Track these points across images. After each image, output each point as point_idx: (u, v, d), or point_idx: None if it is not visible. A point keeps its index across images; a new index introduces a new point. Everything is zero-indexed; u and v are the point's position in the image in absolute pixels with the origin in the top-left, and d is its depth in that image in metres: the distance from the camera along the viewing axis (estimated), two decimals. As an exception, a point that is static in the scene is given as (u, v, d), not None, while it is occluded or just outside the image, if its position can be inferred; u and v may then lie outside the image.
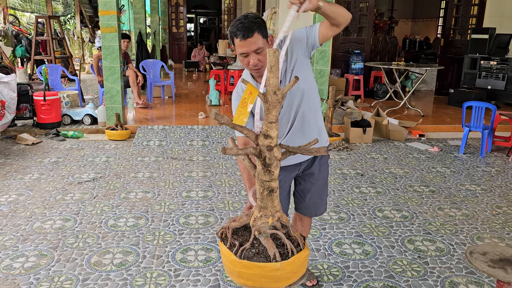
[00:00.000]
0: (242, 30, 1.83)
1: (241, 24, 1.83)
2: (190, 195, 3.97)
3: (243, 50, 1.86)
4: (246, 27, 1.82)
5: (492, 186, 4.41)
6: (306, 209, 2.38)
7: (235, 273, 1.62)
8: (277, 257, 1.55)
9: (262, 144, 1.59)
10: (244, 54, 1.88)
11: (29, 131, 5.99)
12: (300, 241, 1.66)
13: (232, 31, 1.86)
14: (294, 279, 1.62)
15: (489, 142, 5.60)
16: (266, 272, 1.55)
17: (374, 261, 2.89)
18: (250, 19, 1.84)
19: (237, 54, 1.92)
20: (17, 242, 3.03)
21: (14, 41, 10.21)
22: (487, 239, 3.26)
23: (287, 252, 1.59)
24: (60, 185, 4.14)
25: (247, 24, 1.82)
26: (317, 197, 2.34)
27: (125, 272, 2.69)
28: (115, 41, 5.92)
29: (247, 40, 1.83)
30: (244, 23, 1.83)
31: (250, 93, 1.58)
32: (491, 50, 8.29)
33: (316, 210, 2.41)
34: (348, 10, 1.92)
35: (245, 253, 1.60)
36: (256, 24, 1.84)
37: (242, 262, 1.57)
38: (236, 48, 1.89)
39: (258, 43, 1.85)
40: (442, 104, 8.65)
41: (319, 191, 2.33)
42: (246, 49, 1.85)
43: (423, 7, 14.43)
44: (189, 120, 6.59)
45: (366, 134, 5.93)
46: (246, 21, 1.83)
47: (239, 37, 1.83)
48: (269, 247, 1.58)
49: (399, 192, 4.18)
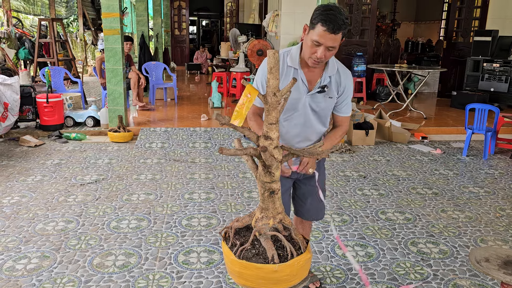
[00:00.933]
0: (334, 23, 1.78)
1: (334, 17, 1.78)
2: (192, 197, 3.97)
3: (322, 40, 1.82)
4: (339, 24, 1.79)
5: (495, 188, 4.39)
6: (307, 212, 2.37)
7: (235, 273, 1.63)
8: (275, 259, 1.54)
9: (262, 145, 1.59)
10: (317, 43, 1.84)
11: (32, 133, 6.00)
12: (302, 244, 1.65)
13: (322, 19, 1.79)
14: (295, 282, 1.62)
15: (492, 144, 5.58)
16: (264, 273, 1.55)
17: (377, 264, 2.88)
18: (343, 16, 1.80)
19: (310, 39, 1.87)
20: (19, 243, 3.03)
21: (17, 44, 10.24)
22: (490, 242, 3.24)
23: (287, 255, 1.59)
24: (63, 187, 4.14)
25: (340, 21, 1.79)
26: (318, 201, 2.34)
27: (128, 274, 2.69)
28: (118, 44, 5.93)
29: (331, 35, 1.80)
30: (337, 17, 1.79)
31: (249, 94, 1.58)
32: (493, 53, 8.27)
33: (317, 215, 2.40)
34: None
35: (245, 254, 1.60)
36: (345, 24, 1.82)
37: (241, 262, 1.57)
38: (313, 34, 1.84)
39: (337, 41, 1.84)
40: (445, 106, 8.63)
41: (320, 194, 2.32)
42: (325, 41, 1.82)
43: (426, 10, 14.43)
44: (191, 122, 6.59)
45: (369, 136, 5.92)
46: (340, 17, 1.79)
47: (327, 28, 1.79)
48: (268, 249, 1.58)
49: (402, 194, 4.17)
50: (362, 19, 9.02)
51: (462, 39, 9.45)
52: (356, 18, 8.97)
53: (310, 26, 1.87)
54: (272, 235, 1.64)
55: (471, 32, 9.15)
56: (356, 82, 8.76)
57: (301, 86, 2.01)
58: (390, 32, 13.52)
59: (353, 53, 8.95)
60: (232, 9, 17.33)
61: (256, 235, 1.64)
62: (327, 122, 2.16)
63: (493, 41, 8.24)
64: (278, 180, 1.66)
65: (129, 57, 7.30)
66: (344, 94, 2.09)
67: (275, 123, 1.58)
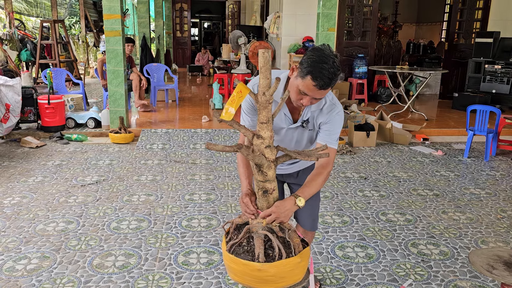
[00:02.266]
0: (324, 80, 1.68)
1: (326, 72, 1.67)
2: (193, 198, 3.97)
3: (309, 93, 1.73)
4: (329, 80, 1.69)
5: (496, 190, 4.38)
6: (302, 218, 2.31)
7: (227, 267, 1.66)
8: (260, 257, 1.54)
9: (255, 145, 1.59)
10: (303, 93, 1.74)
11: (33, 134, 6.01)
12: (297, 248, 1.64)
13: (313, 74, 1.68)
14: (283, 285, 1.60)
15: (494, 146, 5.56)
16: (249, 270, 1.56)
17: (377, 265, 2.87)
18: (335, 69, 1.69)
19: (296, 85, 1.75)
20: (20, 244, 3.04)
21: (19, 45, 10.28)
22: (491, 243, 3.23)
23: (275, 256, 1.58)
24: (64, 188, 4.15)
25: (331, 76, 1.68)
26: (313, 208, 2.31)
27: (127, 275, 2.69)
28: (119, 45, 5.95)
29: (320, 90, 1.71)
30: (329, 72, 1.68)
31: (240, 91, 1.58)
32: (495, 54, 8.26)
33: (312, 225, 2.34)
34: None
35: (236, 249, 1.62)
36: (336, 78, 1.72)
37: (230, 256, 1.60)
38: (301, 84, 1.72)
39: (325, 93, 1.76)
40: (446, 108, 8.62)
41: (313, 201, 2.27)
42: (313, 94, 1.73)
43: (427, 11, 14.42)
44: (192, 124, 6.60)
45: (370, 137, 5.91)
46: (332, 71, 1.68)
47: (317, 84, 1.69)
48: (257, 247, 1.58)
49: (403, 195, 4.16)
50: (363, 20, 9.02)
51: (463, 40, 9.44)
52: (358, 20, 8.97)
53: (299, 72, 1.74)
54: (265, 235, 1.64)
55: (472, 33, 9.14)
56: (358, 84, 8.75)
57: (284, 119, 1.96)
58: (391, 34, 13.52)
59: (354, 54, 8.95)
60: (234, 11, 17.36)
61: (246, 232, 1.65)
62: (314, 141, 2.08)
63: (494, 42, 8.23)
64: (273, 180, 1.66)
65: (130, 59, 7.32)
66: (325, 124, 1.95)
67: (266, 122, 1.58)
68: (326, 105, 1.92)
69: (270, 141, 1.60)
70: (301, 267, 1.64)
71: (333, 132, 1.95)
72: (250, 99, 1.90)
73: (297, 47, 9.17)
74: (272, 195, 1.68)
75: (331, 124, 1.94)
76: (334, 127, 1.94)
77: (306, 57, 1.72)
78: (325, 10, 5.73)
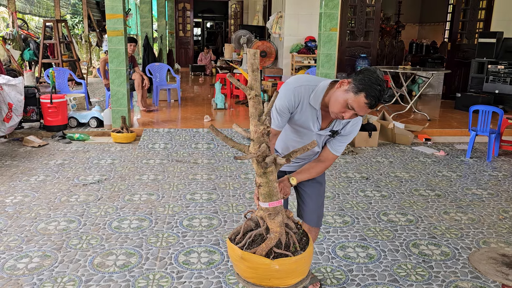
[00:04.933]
0: (377, 101, 1.81)
1: (380, 95, 1.80)
2: (194, 198, 3.97)
3: (357, 109, 1.83)
4: (378, 101, 1.81)
5: (499, 190, 4.37)
6: (307, 214, 2.36)
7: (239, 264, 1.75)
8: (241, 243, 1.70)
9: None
10: (350, 108, 1.85)
11: (36, 133, 6.03)
12: (293, 250, 1.70)
13: (369, 93, 1.78)
14: (264, 284, 1.66)
15: (496, 147, 5.55)
16: (232, 250, 1.71)
17: (378, 265, 2.87)
18: (383, 96, 1.83)
19: (345, 98, 1.85)
20: (21, 243, 3.05)
21: (22, 45, 10.31)
22: (493, 244, 3.22)
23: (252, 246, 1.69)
24: (65, 187, 4.16)
25: (380, 99, 1.82)
26: (318, 204, 2.37)
27: (128, 274, 2.69)
28: (122, 45, 5.95)
29: (368, 109, 1.83)
30: (381, 96, 1.81)
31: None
32: (498, 54, 8.23)
33: (318, 222, 2.40)
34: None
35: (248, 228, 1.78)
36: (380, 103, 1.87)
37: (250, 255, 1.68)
38: (352, 99, 1.82)
39: (366, 113, 1.89)
40: (449, 108, 8.60)
41: (318, 197, 2.36)
42: (359, 110, 1.84)
43: (430, 11, 14.38)
44: (194, 123, 6.60)
45: (372, 137, 5.90)
46: (382, 95, 1.81)
47: (369, 102, 1.80)
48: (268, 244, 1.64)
49: (404, 196, 4.15)
50: (366, 20, 9.00)
51: (466, 41, 9.41)
52: (360, 20, 8.96)
53: (352, 87, 1.82)
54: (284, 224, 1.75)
55: (475, 34, 9.12)
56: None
57: (315, 123, 2.04)
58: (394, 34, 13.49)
59: (357, 54, 8.94)
60: (236, 11, 17.36)
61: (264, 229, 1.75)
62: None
63: (498, 43, 8.20)
64: (260, 175, 1.71)
65: (133, 59, 7.33)
66: (343, 136, 2.10)
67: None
68: (356, 119, 2.07)
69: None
70: (281, 272, 1.68)
71: (346, 143, 2.15)
72: (288, 101, 1.98)
73: (300, 47, 9.17)
74: (263, 190, 1.77)
75: (349, 136, 2.11)
76: (349, 140, 2.13)
77: (363, 76, 1.81)
78: (327, 10, 5.72)
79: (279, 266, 1.61)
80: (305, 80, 2.00)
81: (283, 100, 1.97)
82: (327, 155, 2.16)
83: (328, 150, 2.15)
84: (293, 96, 1.96)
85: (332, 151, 2.14)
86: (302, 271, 1.70)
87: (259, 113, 1.54)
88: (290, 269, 1.64)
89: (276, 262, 1.61)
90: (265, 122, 1.51)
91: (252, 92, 1.49)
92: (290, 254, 1.64)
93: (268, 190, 1.71)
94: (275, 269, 1.61)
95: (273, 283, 1.65)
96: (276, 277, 1.65)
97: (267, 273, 1.64)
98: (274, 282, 1.65)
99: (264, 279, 1.66)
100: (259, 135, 1.57)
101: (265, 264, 1.62)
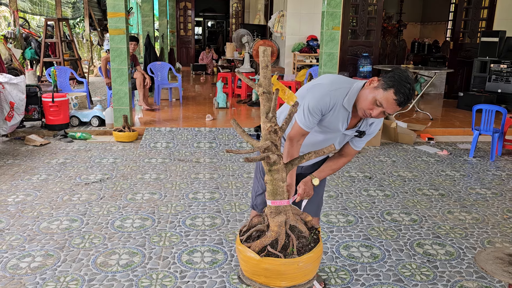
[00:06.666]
0: (406, 99, 1.82)
1: (409, 93, 1.81)
2: (196, 197, 3.95)
3: (385, 106, 1.84)
4: (407, 99, 1.83)
5: (503, 190, 4.34)
6: (312, 203, 2.37)
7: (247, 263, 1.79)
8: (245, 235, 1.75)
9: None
10: (379, 105, 1.86)
11: (38, 132, 6.01)
12: (288, 249, 1.70)
13: (398, 89, 1.80)
14: (257, 279, 1.70)
15: (500, 146, 5.52)
16: (238, 244, 1.76)
17: (383, 265, 2.85)
18: (412, 95, 1.84)
19: (374, 95, 1.87)
20: (23, 242, 3.03)
21: (24, 44, 10.30)
22: (497, 243, 3.20)
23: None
24: (67, 186, 4.14)
25: (409, 97, 1.83)
26: (319, 197, 2.42)
27: (131, 273, 2.67)
28: (123, 43, 5.94)
29: (398, 107, 1.84)
30: (410, 94, 1.82)
31: (286, 94, 1.79)
32: (501, 53, 8.20)
33: (317, 210, 2.44)
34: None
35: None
36: (409, 102, 1.87)
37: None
38: (381, 96, 1.84)
39: (395, 111, 1.89)
40: (452, 107, 8.57)
41: (320, 188, 2.40)
42: (388, 107, 1.85)
43: (432, 11, 14.35)
44: (196, 122, 6.58)
45: (374, 137, 5.87)
46: (411, 93, 1.83)
47: (398, 99, 1.81)
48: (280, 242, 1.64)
49: (408, 195, 4.13)
50: (368, 19, 8.97)
51: (469, 40, 9.38)
52: (362, 19, 8.93)
53: (381, 84, 1.85)
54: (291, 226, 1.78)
55: (478, 33, 9.08)
56: (362, 83, 8.70)
57: (343, 122, 2.03)
58: (396, 33, 13.46)
59: (359, 53, 8.92)
60: (238, 10, 17.33)
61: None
62: None
63: (500, 42, 8.17)
64: (267, 173, 1.72)
65: (134, 57, 7.31)
66: (366, 135, 2.14)
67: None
68: (380, 119, 2.10)
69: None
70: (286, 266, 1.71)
71: (367, 140, 2.18)
72: (323, 103, 1.97)
73: (301, 46, 9.15)
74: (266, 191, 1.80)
75: (372, 135, 2.14)
76: (370, 138, 2.16)
77: (392, 74, 1.84)
78: (329, 8, 5.70)
79: (268, 266, 1.63)
80: (341, 82, 2.00)
81: (318, 101, 1.96)
82: (349, 150, 2.19)
83: (350, 146, 2.18)
84: (329, 99, 1.95)
85: (354, 147, 2.18)
86: (293, 276, 1.68)
87: (267, 110, 1.52)
88: (277, 271, 1.64)
89: (265, 261, 1.62)
90: (272, 120, 1.49)
91: (260, 89, 1.48)
92: (281, 256, 1.63)
93: (272, 188, 1.71)
94: (264, 267, 1.63)
95: (262, 280, 1.69)
96: (266, 276, 1.68)
97: (255, 269, 1.68)
98: (263, 280, 1.68)
99: (254, 275, 1.71)
100: (265, 132, 1.56)
101: (252, 259, 1.66)
